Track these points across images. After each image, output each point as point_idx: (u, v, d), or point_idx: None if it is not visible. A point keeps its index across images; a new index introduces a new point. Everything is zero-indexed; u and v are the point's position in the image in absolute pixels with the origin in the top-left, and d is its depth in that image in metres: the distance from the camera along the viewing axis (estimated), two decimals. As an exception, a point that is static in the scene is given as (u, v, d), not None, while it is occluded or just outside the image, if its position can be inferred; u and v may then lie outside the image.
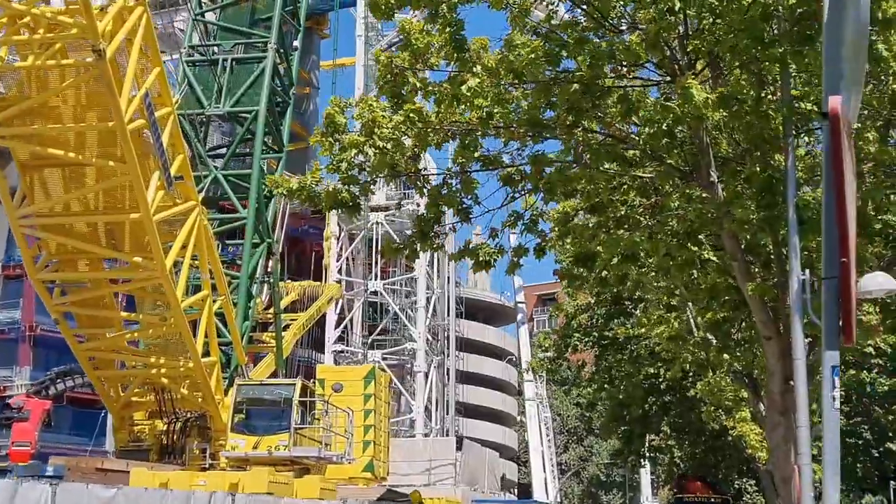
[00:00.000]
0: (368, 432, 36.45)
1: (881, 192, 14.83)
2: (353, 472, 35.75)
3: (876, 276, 14.64)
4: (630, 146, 16.51)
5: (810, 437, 22.40)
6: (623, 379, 45.42)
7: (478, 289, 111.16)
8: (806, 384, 14.78)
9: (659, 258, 16.86)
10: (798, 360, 14.77)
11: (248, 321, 32.94)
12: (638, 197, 17.53)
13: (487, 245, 16.93)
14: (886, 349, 36.62)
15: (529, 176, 16.98)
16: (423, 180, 17.04)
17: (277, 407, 28.86)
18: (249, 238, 33.10)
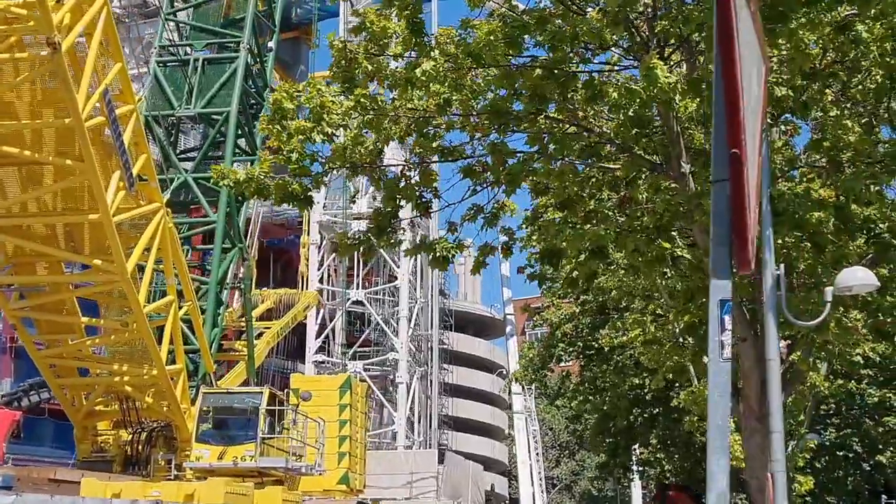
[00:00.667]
0: (344, 443, 35.46)
1: (860, 182, 13.92)
2: (327, 484, 34.80)
3: (855, 271, 13.74)
4: (597, 136, 15.60)
5: (784, 443, 21.45)
6: (608, 390, 44.53)
7: (468, 301, 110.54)
8: (780, 386, 13.84)
9: (628, 254, 15.92)
10: (772, 360, 13.85)
11: (217, 328, 31.97)
12: (608, 191, 16.61)
13: (445, 240, 15.98)
14: (875, 358, 35.72)
15: (491, 167, 16.06)
16: (379, 172, 16.08)
17: (244, 416, 27.90)
18: (219, 243, 32.14)
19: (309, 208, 19.18)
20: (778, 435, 13.78)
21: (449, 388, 79.57)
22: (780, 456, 13.81)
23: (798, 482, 31.16)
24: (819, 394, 34.36)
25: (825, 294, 13.94)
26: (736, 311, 16.13)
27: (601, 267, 17.01)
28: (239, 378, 33.59)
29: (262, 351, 36.00)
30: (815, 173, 15.98)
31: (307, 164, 15.91)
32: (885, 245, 15.64)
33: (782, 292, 13.91)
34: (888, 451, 45.99)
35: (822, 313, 13.90)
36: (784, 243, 16.10)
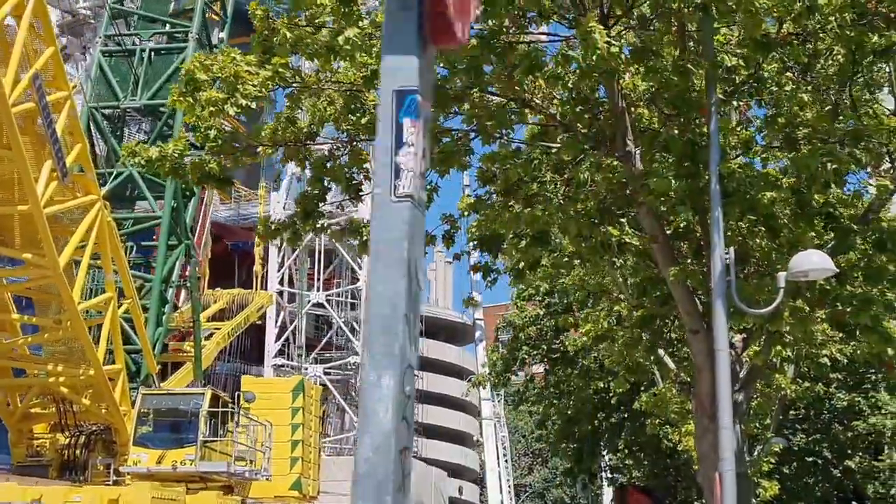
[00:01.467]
0: (296, 448, 34.23)
1: (816, 159, 12.88)
2: (279, 489, 33.59)
3: (810, 255, 12.68)
4: (538, 112, 14.53)
5: (743, 443, 20.44)
6: (572, 394, 43.53)
7: (439, 307, 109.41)
8: (729, 380, 12.77)
9: (571, 240, 14.83)
10: (720, 350, 12.78)
11: (161, 328, 30.70)
12: (552, 174, 15.52)
13: (372, 223, 14.84)
14: (843, 360, 34.75)
15: (425, 147, 14.96)
16: (305, 152, 14.93)
17: (185, 418, 26.66)
18: (164, 239, 30.89)
19: (227, 190, 18.00)
20: (727, 432, 12.72)
21: (419, 395, 78.43)
22: (728, 455, 12.75)
23: (763, 487, 30.14)
24: (786, 397, 33.36)
25: (778, 280, 12.89)
26: (686, 302, 15.09)
27: (545, 254, 15.89)
28: (186, 380, 32.32)
29: (211, 352, 34.74)
30: (771, 153, 14.95)
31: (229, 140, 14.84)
32: (845, 231, 14.61)
33: (732, 278, 12.86)
34: (857, 457, 45.10)
35: (775, 301, 12.84)
36: (738, 229, 15.07)
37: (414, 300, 3.19)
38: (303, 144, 14.86)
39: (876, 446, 46.51)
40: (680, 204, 13.04)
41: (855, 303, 14.13)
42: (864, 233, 14.80)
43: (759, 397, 31.91)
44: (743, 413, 30.63)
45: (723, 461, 12.78)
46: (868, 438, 44.88)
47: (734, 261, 12.91)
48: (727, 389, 12.81)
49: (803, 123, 13.81)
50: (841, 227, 14.67)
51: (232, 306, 39.07)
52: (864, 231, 14.75)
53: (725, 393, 12.78)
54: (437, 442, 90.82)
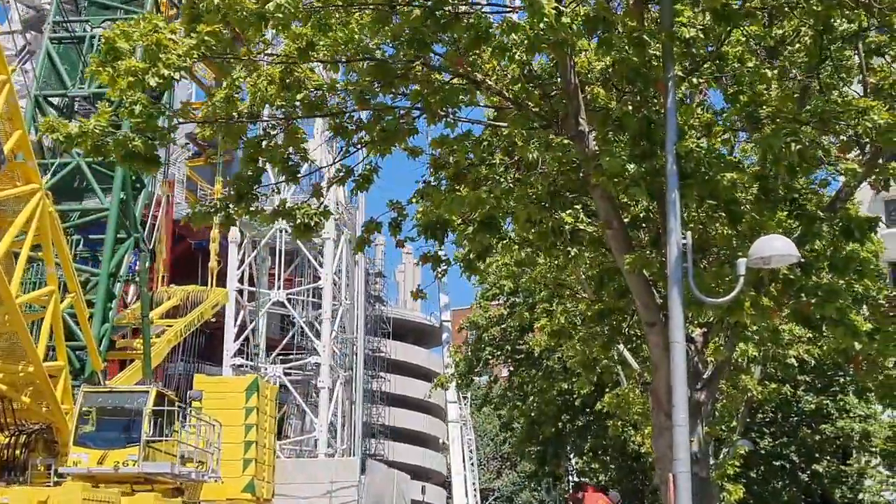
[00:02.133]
0: (249, 449, 33.18)
1: (780, 138, 12.00)
2: (231, 492, 32.54)
3: (773, 240, 11.81)
4: (485, 89, 13.60)
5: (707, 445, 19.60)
6: (536, 395, 42.67)
7: (407, 309, 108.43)
8: (685, 373, 11.88)
9: (520, 225, 13.90)
10: (677, 342, 11.89)
11: (108, 323, 29.55)
12: (502, 156, 14.61)
13: (307, 206, 13.88)
14: (811, 361, 34.06)
15: (366, 125, 14.01)
16: (237, 130, 13.93)
17: (128, 417, 25.55)
18: (111, 231, 29.77)
19: (154, 172, 16.98)
20: (682, 430, 11.83)
21: (386, 398, 77.42)
22: (683, 455, 11.86)
23: (727, 491, 29.31)
24: (752, 398, 32.61)
25: (737, 267, 12.01)
26: (643, 294, 14.21)
27: (494, 242, 14.93)
28: (134, 378, 31.18)
29: (161, 350, 33.60)
30: (733, 136, 14.09)
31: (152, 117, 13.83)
32: (811, 218, 13.76)
33: (689, 265, 11.97)
34: (824, 460, 44.46)
35: (735, 289, 11.95)
36: (697, 216, 14.20)
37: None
38: (238, 122, 13.86)
39: (844, 450, 45.91)
40: (634, 185, 12.13)
41: (820, 294, 13.26)
42: (830, 220, 13.96)
43: (724, 398, 31.17)
44: (708, 414, 29.80)
45: (677, 461, 11.90)
46: (836, 442, 44.25)
47: (692, 247, 12.03)
48: (683, 384, 11.93)
49: (767, 102, 12.92)
50: (806, 214, 13.82)
51: (186, 303, 37.92)
52: (831, 219, 13.91)
53: (681, 388, 11.89)
54: (404, 445, 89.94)
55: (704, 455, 19.51)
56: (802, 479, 45.47)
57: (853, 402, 43.18)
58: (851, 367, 39.51)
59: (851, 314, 13.61)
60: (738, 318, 12.40)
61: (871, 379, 16.34)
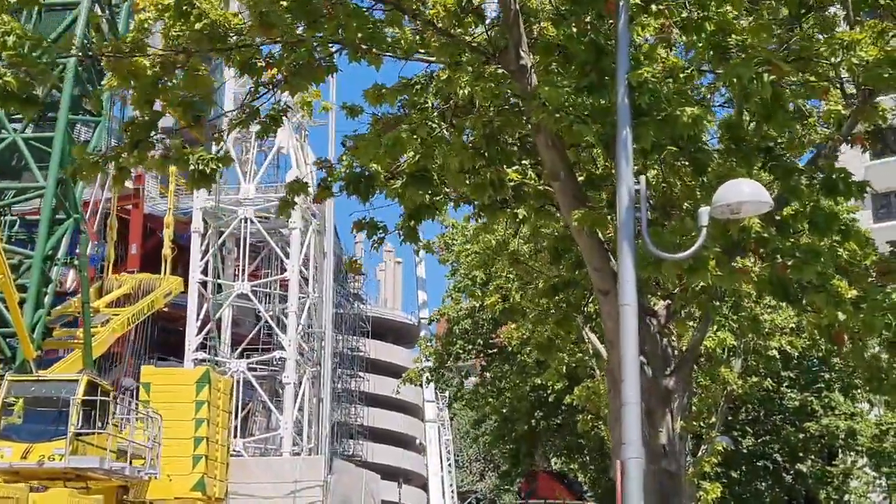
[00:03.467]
0: (200, 445, 31.25)
1: (751, 68, 10.16)
2: (179, 490, 30.63)
3: (740, 185, 9.95)
4: (413, 17, 11.73)
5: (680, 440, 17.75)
6: (509, 391, 40.81)
7: (387, 307, 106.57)
8: (636, 341, 10.02)
9: (452, 176, 12.01)
10: (627, 305, 10.03)
11: (42, 309, 27.57)
12: (434, 98, 12.72)
13: (203, 151, 11.96)
14: (793, 353, 32.28)
15: (278, 62, 12.13)
16: (129, 65, 12.02)
17: (55, 408, 23.63)
18: (47, 212, 27.83)
19: (32, 115, 15.06)
20: (632, 408, 9.96)
21: (365, 397, 75.57)
22: (633, 437, 10.00)
23: (704, 490, 27.49)
24: (732, 392, 30.78)
25: (699, 217, 10.16)
26: (595, 257, 12.34)
27: (429, 199, 13.01)
28: (73, 368, 29.17)
29: (104, 339, 31.62)
30: (698, 74, 12.22)
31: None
32: (788, 170, 11.91)
33: (643, 214, 10.12)
34: (809, 460, 42.69)
35: (696, 243, 10.09)
36: (660, 174, 12.35)
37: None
38: (124, 56, 11.97)
39: (829, 449, 44.20)
40: (580, 123, 10.26)
41: (798, 255, 11.40)
42: (810, 174, 12.12)
43: (701, 392, 29.38)
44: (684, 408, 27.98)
45: (626, 446, 10.05)
46: (821, 441, 42.52)
47: (646, 193, 10.18)
48: (634, 357, 10.06)
49: (737, 31, 11.07)
50: (782, 165, 11.96)
51: (138, 292, 35.98)
52: (811, 172, 12.07)
53: (631, 360, 10.03)
54: (383, 446, 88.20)
55: (675, 449, 17.70)
56: (786, 479, 43.74)
57: (839, 399, 41.45)
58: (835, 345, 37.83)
59: (835, 280, 11.75)
60: (702, 279, 10.54)
61: (856, 360, 14.49)
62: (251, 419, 50.17)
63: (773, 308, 28.59)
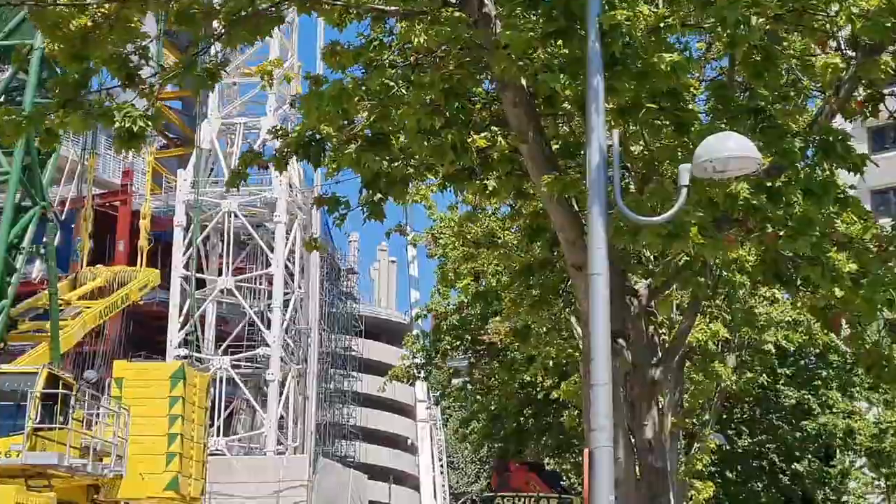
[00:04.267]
0: (174, 442, 30.08)
1: (736, 9, 9.03)
2: (152, 489, 29.51)
3: (725, 138, 8.80)
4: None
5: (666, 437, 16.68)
6: (498, 388, 39.65)
7: (381, 307, 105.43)
8: (606, 314, 8.88)
9: (411, 136, 10.86)
10: (597, 274, 8.88)
11: (5, 300, 26.41)
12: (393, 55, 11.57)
13: (130, 107, 10.77)
14: (789, 348, 31.16)
15: (216, 9, 10.98)
16: (49, 15, 10.86)
17: (13, 401, 22.48)
18: (10, 198, 26.64)
19: None
20: (602, 389, 8.81)
21: (359, 398, 74.55)
22: (604, 422, 8.85)
23: (696, 489, 26.34)
24: (727, 389, 29.64)
25: (680, 175, 9.02)
26: (568, 227, 11.21)
27: (388, 165, 11.86)
28: (40, 362, 27.99)
29: (73, 333, 30.47)
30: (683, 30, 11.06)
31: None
32: (780, 132, 10.74)
33: (615, 173, 8.98)
34: (805, 459, 41.54)
35: (676, 205, 8.95)
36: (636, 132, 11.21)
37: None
38: (50, 5, 10.83)
39: (827, 449, 43.09)
40: (548, 72, 9.12)
41: (791, 224, 10.24)
42: (806, 137, 10.96)
43: (693, 388, 28.24)
44: (675, 403, 26.85)
45: (594, 433, 8.89)
46: (819, 440, 41.39)
47: (619, 150, 9.04)
48: (605, 330, 8.92)
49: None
50: (774, 127, 10.80)
51: (113, 284, 34.82)
52: (806, 135, 10.92)
53: (602, 337, 8.89)
54: (377, 446, 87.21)
55: (662, 444, 16.59)
56: (782, 479, 42.61)
57: (836, 397, 40.33)
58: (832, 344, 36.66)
59: (831, 253, 10.62)
60: (683, 247, 9.41)
61: (855, 346, 13.33)
62: (235, 418, 49.02)
63: (768, 301, 27.50)
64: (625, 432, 12.37)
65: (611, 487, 8.68)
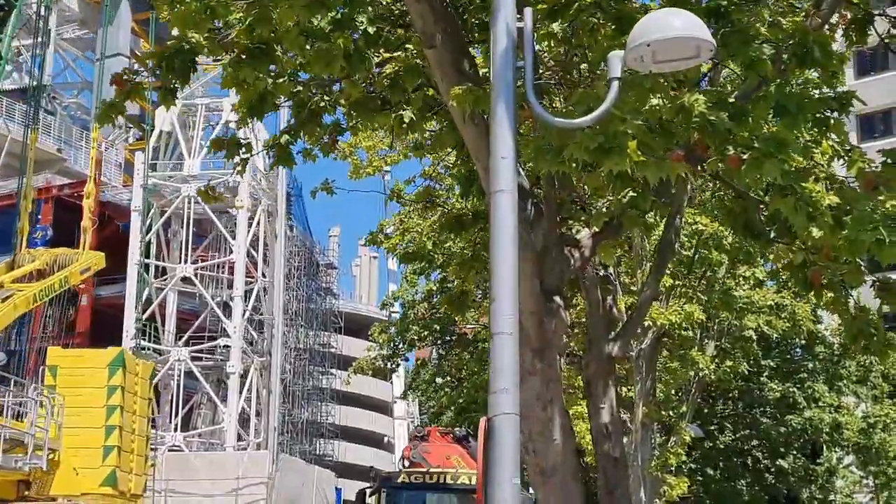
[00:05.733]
0: (112, 435, 28.03)
1: None
2: (86, 485, 27.52)
3: (666, 16, 6.75)
4: None
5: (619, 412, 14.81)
6: (467, 380, 37.76)
7: (362, 303, 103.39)
8: (511, 243, 6.83)
9: (290, 41, 8.80)
10: (499, 192, 6.83)
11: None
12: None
13: None
14: (772, 334, 29.21)
15: None
16: None
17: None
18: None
19: None
20: (506, 339, 6.75)
21: (337, 395, 72.73)
22: (509, 384, 6.77)
23: (668, 485, 24.35)
24: (705, 377, 27.66)
25: (610, 65, 6.98)
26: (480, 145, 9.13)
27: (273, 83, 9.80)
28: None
29: (5, 315, 28.35)
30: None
31: None
32: (746, 37, 8.67)
33: (527, 62, 6.92)
34: (790, 455, 39.66)
35: (604, 103, 6.89)
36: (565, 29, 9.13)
37: None
38: None
39: (813, 445, 41.24)
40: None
41: (758, 146, 8.17)
42: (777, 43, 8.90)
43: (668, 376, 26.31)
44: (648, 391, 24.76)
45: (494, 396, 6.82)
46: (804, 435, 39.54)
47: (532, 32, 6.98)
48: (510, 265, 6.85)
49: None
50: (740, 30, 8.75)
51: (53, 267, 32.65)
52: (777, 35, 8.86)
53: (507, 275, 6.82)
54: (356, 445, 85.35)
55: (619, 430, 14.61)
56: (767, 477, 40.76)
57: (822, 390, 38.49)
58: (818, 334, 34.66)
59: (809, 183, 8.59)
60: (619, 164, 7.33)
61: (839, 310, 11.28)
62: (195, 412, 46.88)
63: (748, 282, 25.53)
64: (563, 410, 10.33)
65: (514, 469, 6.64)
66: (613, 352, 13.60)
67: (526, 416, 10.25)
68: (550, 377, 10.09)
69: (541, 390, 10.01)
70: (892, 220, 8.16)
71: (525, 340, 10.10)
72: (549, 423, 10.08)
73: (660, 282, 15.20)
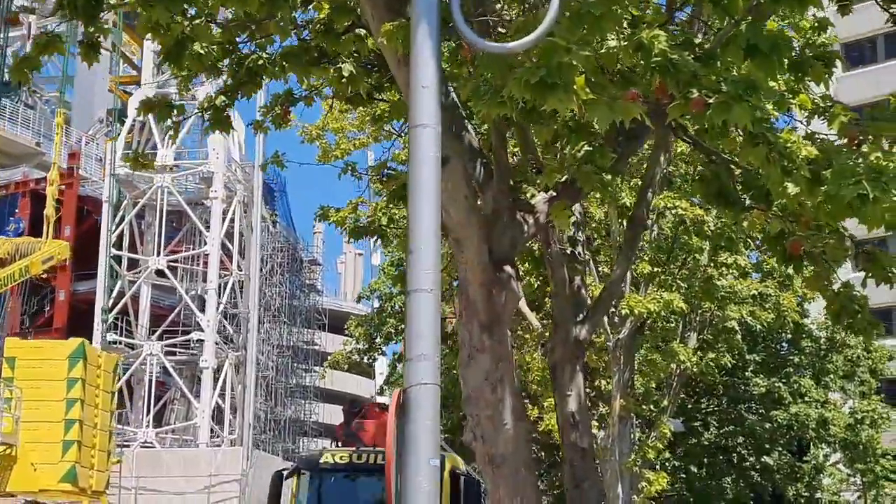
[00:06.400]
0: (72, 429, 27.04)
1: None
2: (45, 481, 26.55)
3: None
4: None
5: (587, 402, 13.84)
6: (444, 374, 36.73)
7: (346, 300, 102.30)
8: (437, 189, 5.84)
9: None
10: (420, 126, 5.86)
11: None
12: None
13: None
14: (755, 326, 28.30)
15: None
16: None
17: None
18: None
19: None
20: (424, 297, 5.77)
21: (320, 393, 71.82)
22: (429, 349, 5.80)
23: (647, 480, 23.41)
24: (687, 370, 26.73)
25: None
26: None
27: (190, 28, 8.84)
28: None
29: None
30: None
31: None
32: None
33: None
34: (776, 452, 38.75)
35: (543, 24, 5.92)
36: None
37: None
38: None
39: (799, 441, 40.35)
40: None
41: (726, 88, 7.20)
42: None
43: (648, 368, 25.38)
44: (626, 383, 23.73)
45: (409, 364, 5.85)
46: (790, 431, 38.63)
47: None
48: (432, 210, 5.87)
49: None
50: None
51: (15, 256, 31.58)
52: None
53: (426, 213, 5.84)
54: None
55: (586, 419, 13.65)
56: (752, 474, 39.84)
57: (809, 384, 37.60)
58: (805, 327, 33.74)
59: (784, 134, 7.63)
60: (566, 102, 6.36)
61: (820, 287, 10.31)
62: (169, 408, 45.81)
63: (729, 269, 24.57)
64: (515, 391, 9.37)
65: (433, 448, 5.68)
66: (581, 335, 12.66)
67: (474, 398, 9.35)
68: (500, 355, 9.13)
69: (490, 369, 9.05)
70: (877, 173, 7.20)
71: (473, 314, 9.18)
72: (499, 406, 9.11)
73: (631, 259, 14.28)
